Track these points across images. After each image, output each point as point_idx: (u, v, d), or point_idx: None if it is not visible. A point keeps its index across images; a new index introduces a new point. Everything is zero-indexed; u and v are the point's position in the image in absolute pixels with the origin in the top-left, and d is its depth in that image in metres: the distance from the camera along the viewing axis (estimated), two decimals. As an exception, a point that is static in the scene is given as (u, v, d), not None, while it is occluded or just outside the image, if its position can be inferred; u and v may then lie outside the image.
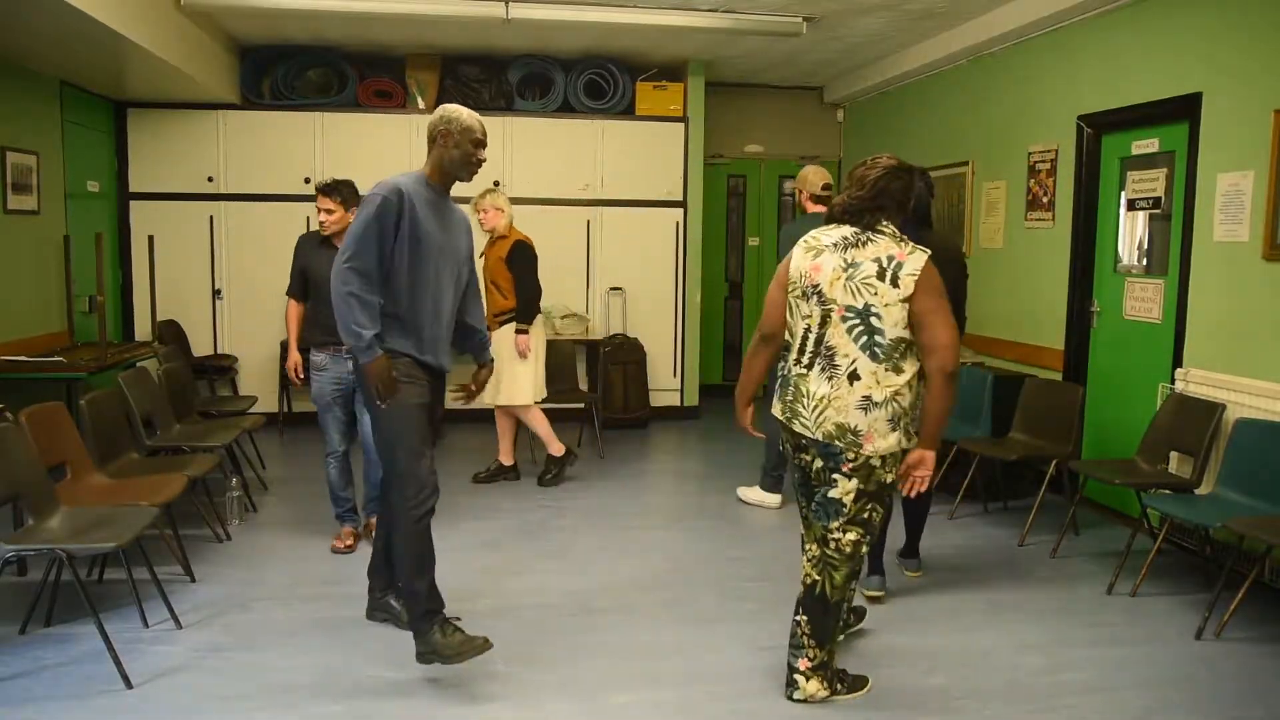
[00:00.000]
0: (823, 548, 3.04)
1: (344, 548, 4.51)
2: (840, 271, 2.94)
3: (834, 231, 3.04)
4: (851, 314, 2.91)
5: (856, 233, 2.99)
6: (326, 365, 4.46)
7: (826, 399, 2.93)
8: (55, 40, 5.02)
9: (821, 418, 2.94)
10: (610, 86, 7.50)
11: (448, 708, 3.07)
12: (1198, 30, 4.60)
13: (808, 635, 3.09)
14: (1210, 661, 3.47)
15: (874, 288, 2.89)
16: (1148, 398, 4.87)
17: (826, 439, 2.94)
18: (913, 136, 7.49)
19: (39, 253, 5.98)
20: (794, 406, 3.02)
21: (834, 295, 2.93)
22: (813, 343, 2.98)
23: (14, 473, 3.38)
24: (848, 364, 2.92)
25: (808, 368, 2.99)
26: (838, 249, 2.98)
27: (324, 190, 4.47)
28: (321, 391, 4.50)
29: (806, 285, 3.00)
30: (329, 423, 4.53)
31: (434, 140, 3.32)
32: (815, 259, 3.00)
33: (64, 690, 3.13)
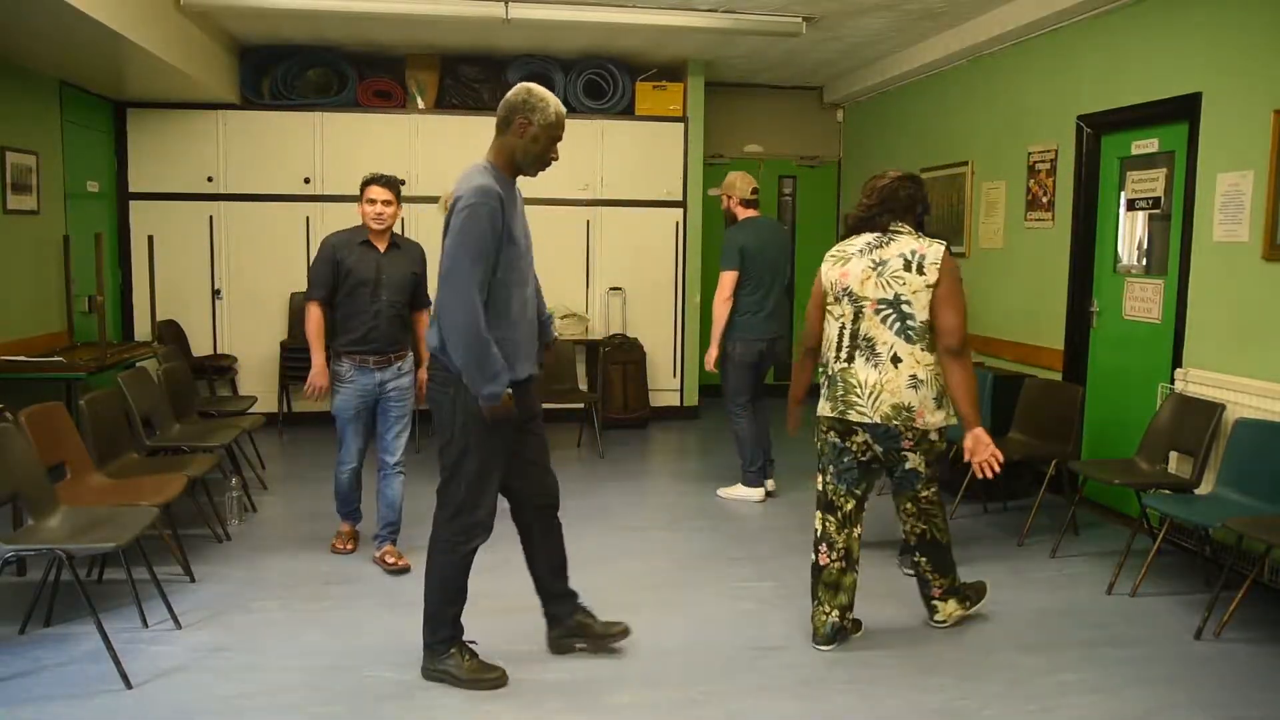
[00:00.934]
0: (917, 505, 3.52)
1: (344, 549, 4.45)
2: (869, 271, 3.29)
3: (856, 241, 3.39)
4: (883, 305, 3.26)
5: (878, 237, 3.35)
6: (353, 376, 4.21)
7: (879, 384, 3.26)
8: (55, 40, 5.02)
9: (878, 402, 3.26)
10: (610, 86, 7.50)
11: (448, 708, 3.07)
12: (1197, 30, 4.60)
13: (929, 571, 3.62)
14: (1210, 661, 3.47)
15: (902, 279, 3.25)
16: (1147, 398, 4.87)
17: (885, 420, 3.27)
18: (912, 136, 7.49)
19: (39, 253, 5.98)
20: (846, 399, 3.32)
21: (865, 292, 3.29)
22: (849, 337, 3.33)
23: (14, 473, 3.37)
24: (888, 350, 3.26)
25: (849, 361, 3.32)
26: (863, 254, 3.34)
27: (385, 182, 4.17)
28: (347, 404, 4.24)
29: (838, 290, 3.35)
30: (350, 436, 4.30)
31: (508, 124, 2.98)
32: (843, 266, 3.36)
33: (63, 690, 3.12)
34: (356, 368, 4.19)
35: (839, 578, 3.46)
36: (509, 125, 3.00)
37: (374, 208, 4.16)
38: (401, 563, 4.26)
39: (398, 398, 4.29)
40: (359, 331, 4.17)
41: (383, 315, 4.18)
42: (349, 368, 4.20)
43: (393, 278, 4.20)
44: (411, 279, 4.28)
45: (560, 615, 3.44)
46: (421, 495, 5.31)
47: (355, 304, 4.16)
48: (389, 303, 4.19)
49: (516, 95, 3.00)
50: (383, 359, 4.21)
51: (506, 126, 3.00)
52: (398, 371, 4.28)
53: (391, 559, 4.27)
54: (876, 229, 3.36)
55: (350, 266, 4.15)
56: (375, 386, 4.22)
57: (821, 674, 3.32)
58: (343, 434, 4.31)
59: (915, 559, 3.66)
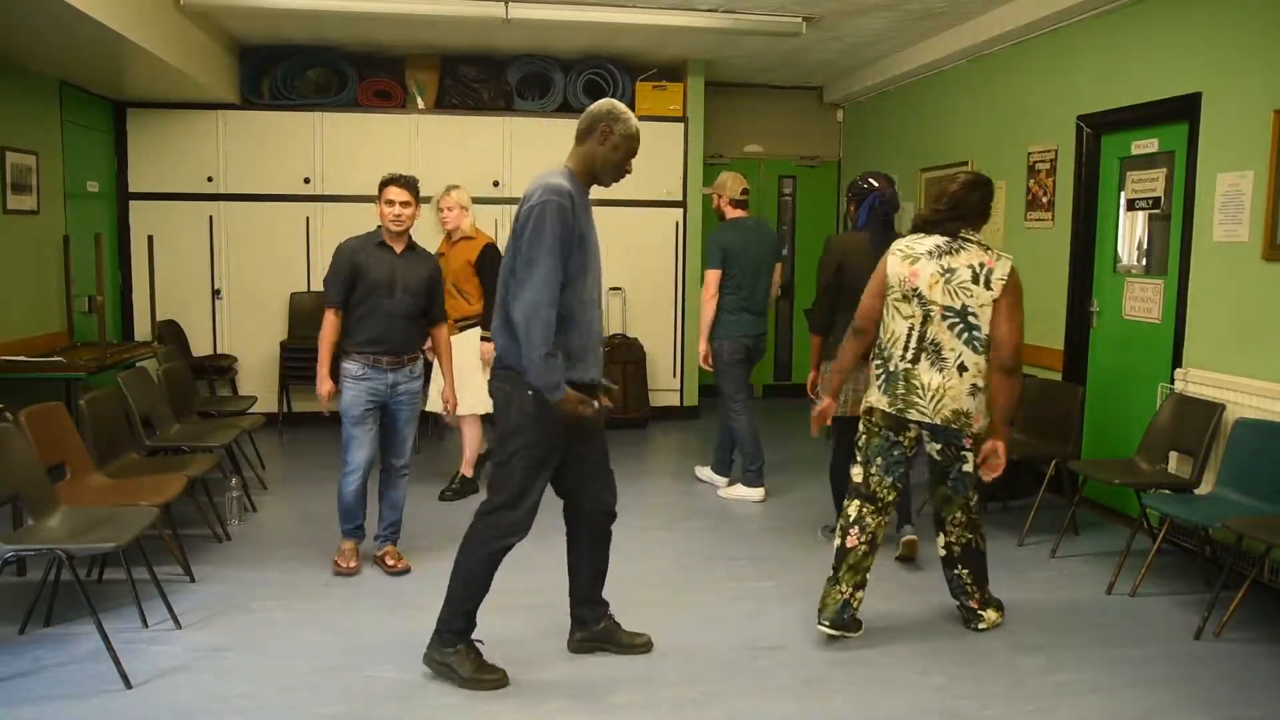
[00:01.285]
0: (967, 514, 3.62)
1: (348, 569, 4.19)
2: (938, 276, 3.37)
3: (925, 240, 3.45)
4: (951, 314, 3.35)
5: (948, 241, 3.41)
6: (365, 374, 4.10)
7: (942, 388, 3.37)
8: (55, 40, 5.01)
9: (939, 405, 3.38)
10: (610, 86, 7.49)
11: (448, 707, 3.07)
12: (1197, 30, 4.60)
13: (969, 583, 3.68)
14: (1210, 661, 3.47)
15: (970, 290, 3.34)
16: (1147, 398, 4.87)
17: (945, 423, 3.40)
18: (912, 136, 7.49)
19: (38, 253, 5.98)
20: (907, 399, 3.42)
21: (934, 297, 3.36)
22: (916, 339, 3.40)
23: (14, 473, 3.37)
24: (954, 357, 3.36)
25: (914, 362, 3.40)
26: (933, 256, 3.40)
27: (404, 183, 4.11)
28: (356, 402, 4.10)
29: (907, 289, 3.40)
30: (357, 438, 4.13)
31: (589, 133, 3.08)
32: (912, 265, 3.41)
33: (63, 690, 3.12)
34: (370, 366, 4.09)
35: (862, 560, 3.54)
36: (591, 133, 3.08)
37: (393, 209, 4.09)
38: (402, 564, 4.23)
39: (409, 400, 4.23)
40: (374, 331, 4.08)
41: (398, 316, 4.11)
42: (359, 366, 4.09)
43: (409, 280, 4.13)
44: (428, 285, 4.21)
45: (587, 619, 3.46)
46: (423, 495, 5.33)
47: (371, 304, 4.07)
48: (405, 304, 4.12)
49: (600, 107, 3.11)
50: (396, 360, 4.13)
51: (588, 134, 3.09)
52: (409, 374, 4.20)
53: (392, 560, 4.25)
54: (946, 233, 3.42)
55: (366, 268, 4.07)
56: (387, 388, 4.13)
57: (821, 674, 3.32)
58: (349, 436, 4.15)
59: (956, 571, 3.69)
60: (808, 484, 5.74)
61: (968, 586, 3.69)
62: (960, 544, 3.66)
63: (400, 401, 4.20)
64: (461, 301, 5.23)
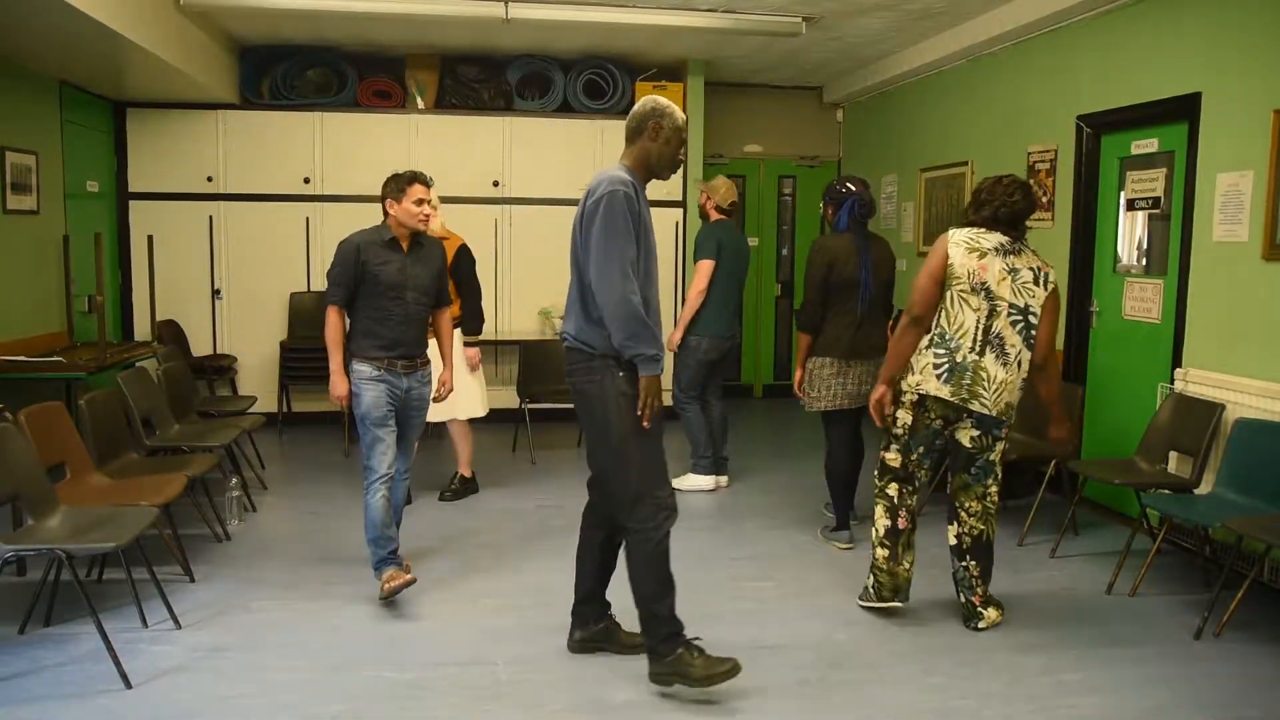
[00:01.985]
0: (982, 503, 3.71)
1: (404, 581, 3.81)
2: (1005, 274, 3.53)
3: (989, 237, 3.58)
4: (1015, 311, 3.53)
5: (1010, 241, 3.58)
6: (383, 376, 3.92)
7: (1004, 382, 3.54)
8: (55, 40, 5.01)
9: (999, 397, 3.54)
10: (610, 86, 7.50)
11: (448, 707, 3.07)
12: (1197, 30, 4.60)
13: (976, 576, 3.73)
14: (1209, 661, 3.47)
15: (1032, 291, 3.55)
16: (1147, 398, 4.87)
17: (999, 414, 3.56)
18: (912, 137, 7.49)
19: (38, 253, 5.98)
20: (973, 389, 3.54)
21: (1001, 293, 3.52)
22: (983, 332, 3.54)
23: (14, 473, 3.37)
24: (1015, 352, 3.54)
25: (980, 354, 3.54)
26: (998, 254, 3.55)
27: (428, 182, 4.01)
28: (377, 404, 3.89)
29: (975, 282, 3.53)
30: (380, 443, 3.89)
31: (640, 132, 3.15)
32: (980, 259, 3.54)
33: (63, 690, 3.12)
34: (385, 370, 3.92)
35: (912, 535, 3.76)
36: (641, 132, 3.16)
37: (421, 208, 3.94)
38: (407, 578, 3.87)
39: (419, 405, 4.10)
40: (386, 337, 3.93)
41: (411, 319, 3.98)
42: (374, 368, 3.91)
43: (419, 279, 4.01)
44: (438, 280, 4.12)
45: (589, 617, 3.44)
46: (423, 496, 5.33)
47: (380, 308, 3.92)
48: (416, 305, 4.00)
49: (644, 106, 3.17)
50: (410, 364, 3.99)
51: (639, 134, 3.16)
52: (421, 379, 4.07)
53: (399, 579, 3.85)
54: (1006, 234, 3.58)
55: (376, 269, 3.90)
56: (401, 392, 3.97)
57: (821, 674, 3.32)
58: (372, 441, 3.88)
59: (964, 563, 3.73)
60: (806, 484, 5.74)
61: (974, 580, 3.73)
62: (972, 535, 3.71)
63: (413, 407, 4.07)
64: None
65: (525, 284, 7.50)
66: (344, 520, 4.90)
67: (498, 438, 6.86)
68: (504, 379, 7.43)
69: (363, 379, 3.91)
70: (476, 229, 7.30)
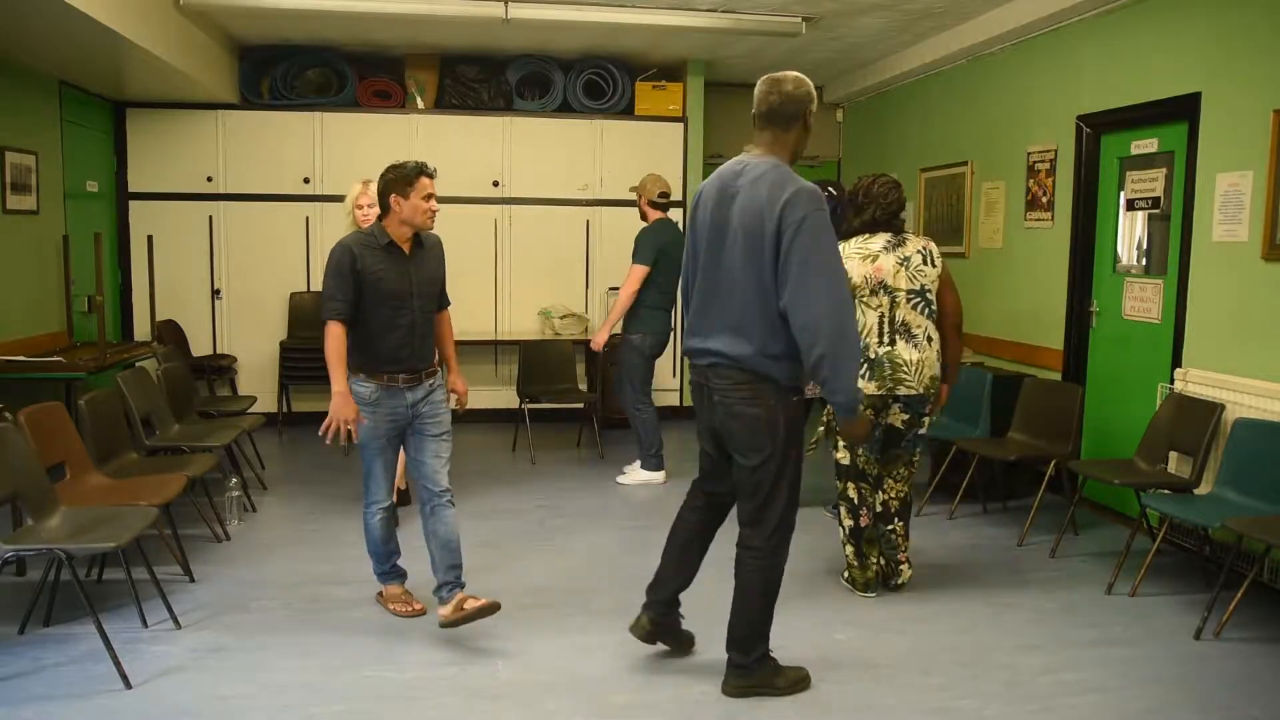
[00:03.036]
0: (909, 469, 4.03)
1: (413, 610, 3.72)
2: (898, 266, 3.87)
3: (874, 240, 3.93)
4: (913, 295, 3.87)
5: (895, 237, 3.93)
6: (379, 398, 3.53)
7: (920, 361, 3.85)
8: (55, 40, 5.01)
9: (920, 376, 3.85)
10: (609, 86, 7.50)
11: (447, 707, 3.07)
12: (1197, 30, 4.60)
13: (902, 536, 4.03)
14: (1209, 661, 3.47)
15: (924, 272, 3.89)
16: (1147, 398, 4.87)
17: (925, 391, 3.87)
18: (912, 136, 7.49)
19: (38, 253, 5.98)
20: (895, 377, 3.84)
21: (897, 284, 3.86)
22: (889, 324, 3.86)
23: (13, 473, 3.37)
24: (923, 332, 3.87)
25: (890, 344, 3.85)
26: (888, 251, 3.89)
27: (432, 173, 3.56)
28: (375, 432, 3.55)
29: (873, 284, 3.86)
30: (380, 470, 3.62)
31: (796, 118, 2.93)
32: (874, 263, 3.88)
33: (63, 690, 3.12)
34: (384, 389, 3.53)
35: (872, 532, 4.01)
36: (797, 119, 2.94)
37: (430, 203, 3.50)
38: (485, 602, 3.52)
39: (432, 414, 3.64)
40: (389, 350, 3.52)
41: (416, 329, 3.57)
42: (374, 390, 3.52)
43: (423, 284, 3.61)
44: (441, 280, 3.75)
45: (666, 610, 3.36)
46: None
47: (382, 319, 3.50)
48: (421, 313, 3.60)
49: (800, 88, 2.94)
50: (413, 377, 3.57)
51: (795, 120, 2.94)
52: (429, 388, 3.64)
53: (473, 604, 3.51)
54: (889, 230, 3.94)
55: (377, 276, 3.48)
56: (406, 409, 3.57)
57: (821, 674, 3.32)
58: (370, 468, 3.64)
59: (890, 526, 4.02)
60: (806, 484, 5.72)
61: (899, 540, 4.03)
62: (899, 499, 4.04)
63: (424, 420, 3.62)
64: None
65: (525, 284, 7.50)
66: (344, 520, 4.89)
67: (497, 438, 6.86)
68: (504, 379, 7.43)
69: (363, 404, 3.52)
70: (476, 229, 7.32)
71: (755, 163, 2.97)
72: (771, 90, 2.95)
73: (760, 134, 2.99)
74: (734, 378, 2.95)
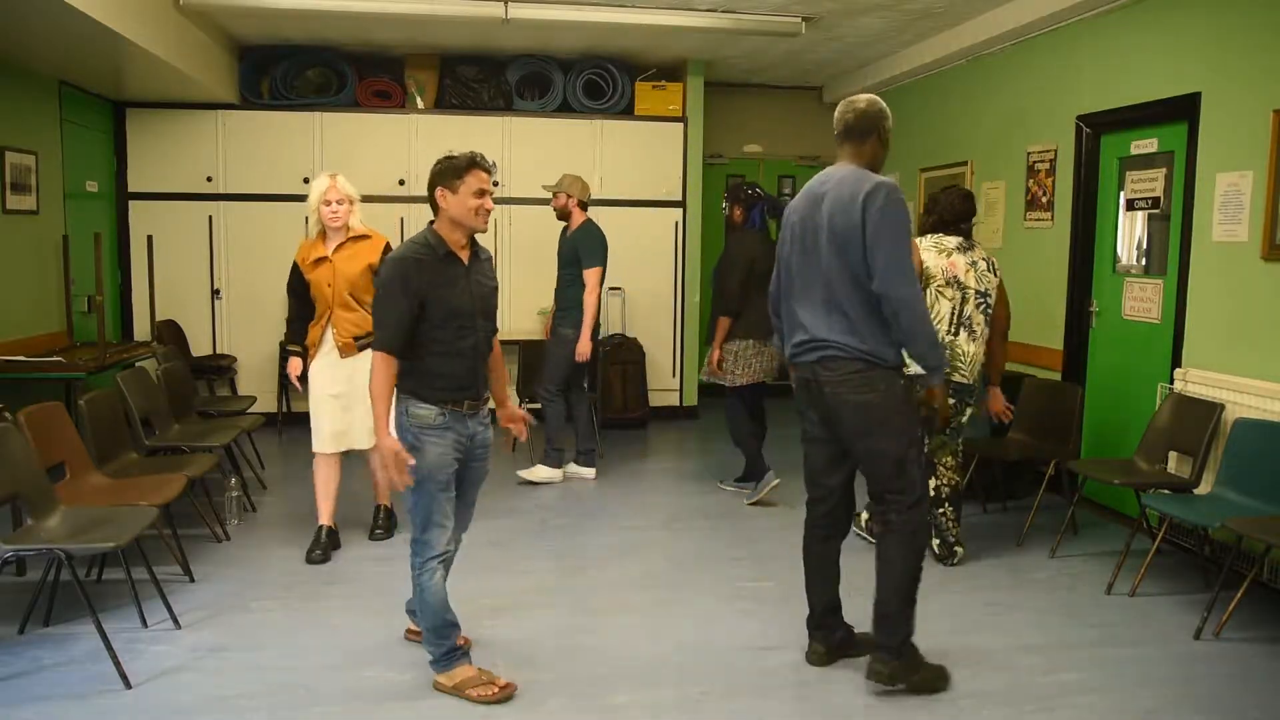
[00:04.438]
0: (956, 458, 4.39)
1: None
2: (969, 267, 4.29)
3: (948, 239, 4.35)
4: (979, 296, 4.27)
5: (964, 240, 4.36)
6: (448, 423, 3.06)
7: (974, 355, 4.26)
8: (55, 40, 5.01)
9: (973, 368, 4.26)
10: (609, 86, 7.50)
11: (447, 708, 3.07)
12: (1197, 30, 4.60)
13: (953, 520, 4.39)
14: (1209, 661, 3.47)
15: (988, 278, 4.31)
16: (1147, 398, 4.87)
17: (974, 382, 4.29)
18: (912, 136, 7.49)
19: (38, 253, 5.98)
20: (953, 363, 4.20)
21: (968, 283, 4.26)
22: (957, 317, 4.24)
23: (13, 473, 3.37)
24: (981, 330, 4.29)
25: (955, 334, 4.24)
26: (960, 251, 4.31)
27: (490, 168, 3.12)
28: (443, 461, 3.05)
29: (949, 275, 4.26)
30: (444, 508, 3.09)
31: (871, 134, 3.14)
32: (949, 258, 4.29)
33: (63, 690, 3.12)
34: (451, 413, 3.07)
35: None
36: (872, 134, 3.16)
37: (484, 201, 3.06)
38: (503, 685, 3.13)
39: (484, 453, 3.26)
40: (457, 374, 3.08)
41: (481, 352, 3.15)
42: (438, 412, 3.04)
43: (484, 300, 3.16)
44: (495, 293, 3.26)
45: (834, 627, 3.41)
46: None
47: (445, 342, 3.04)
48: (485, 334, 3.17)
49: (874, 106, 3.17)
50: (475, 404, 3.15)
51: (869, 135, 3.16)
52: (484, 419, 3.22)
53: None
54: (961, 234, 4.36)
55: (439, 294, 3.01)
56: (466, 439, 3.13)
57: (821, 674, 3.32)
58: (430, 512, 3.07)
59: (943, 510, 4.36)
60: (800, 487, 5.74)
61: (950, 524, 4.37)
62: (950, 485, 4.36)
63: (477, 454, 3.22)
64: (363, 313, 4.27)
65: (525, 284, 7.50)
66: (343, 520, 4.89)
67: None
68: (504, 379, 7.42)
69: (426, 429, 3.03)
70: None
71: (837, 172, 3.19)
72: (848, 110, 3.19)
73: (841, 149, 3.21)
74: (843, 368, 3.08)
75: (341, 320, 4.34)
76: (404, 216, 7.30)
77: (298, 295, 4.48)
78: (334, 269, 4.32)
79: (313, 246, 4.40)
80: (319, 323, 4.41)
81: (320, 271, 4.34)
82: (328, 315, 4.36)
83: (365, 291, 4.23)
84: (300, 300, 4.47)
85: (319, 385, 4.40)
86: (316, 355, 4.42)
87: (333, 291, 4.31)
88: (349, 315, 4.34)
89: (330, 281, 4.31)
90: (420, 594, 3.11)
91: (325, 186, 4.31)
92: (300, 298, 4.47)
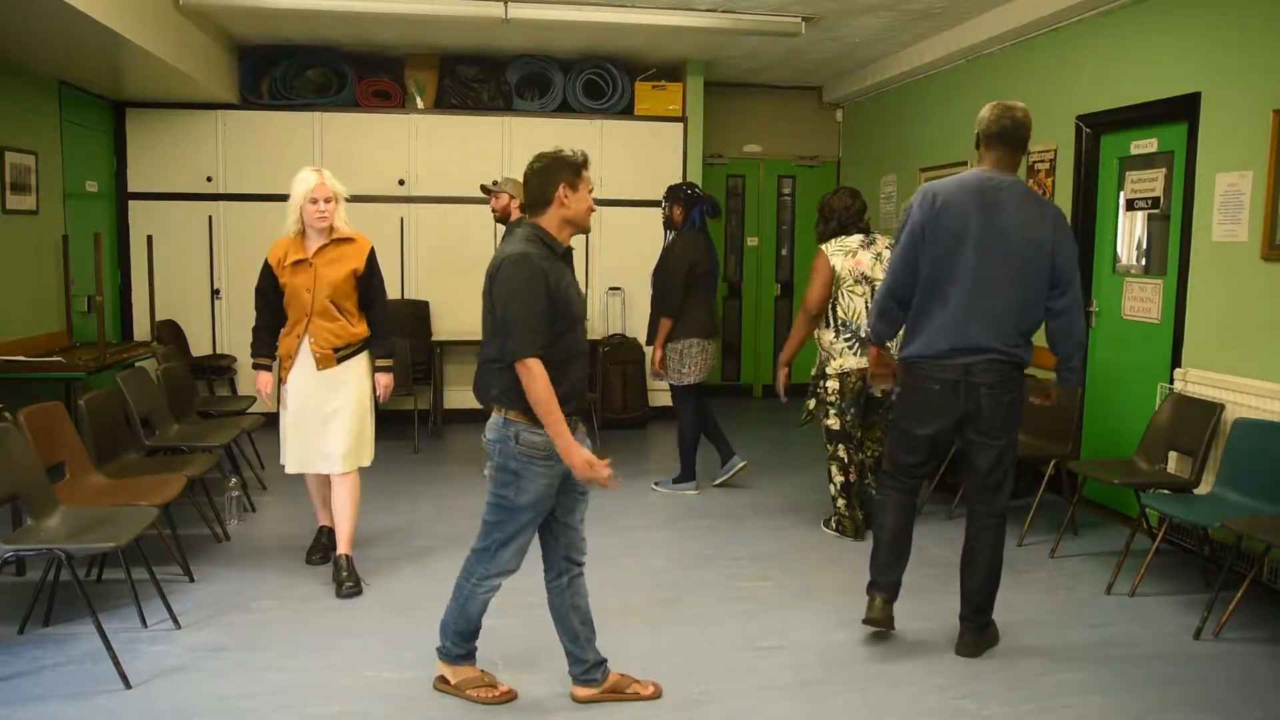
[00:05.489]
0: (882, 432, 4.62)
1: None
2: (874, 260, 4.60)
3: (849, 239, 4.66)
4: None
5: (866, 236, 4.70)
6: (553, 450, 2.80)
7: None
8: (55, 40, 5.01)
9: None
10: (609, 86, 7.50)
11: (446, 708, 3.07)
12: (1197, 30, 4.60)
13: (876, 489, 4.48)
14: (1209, 661, 3.47)
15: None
16: (1147, 398, 4.87)
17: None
18: (911, 136, 7.49)
19: (37, 253, 5.98)
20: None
21: (875, 275, 4.54)
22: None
23: (13, 473, 3.37)
24: None
25: None
26: (863, 248, 4.64)
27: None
28: (548, 494, 2.88)
29: (856, 275, 4.59)
30: (527, 536, 2.97)
31: (1023, 143, 3.32)
32: (854, 257, 4.62)
33: (63, 690, 3.12)
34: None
35: (857, 485, 4.75)
36: (1023, 144, 3.32)
37: (590, 199, 2.89)
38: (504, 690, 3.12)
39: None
40: (574, 383, 2.86)
41: (586, 355, 2.96)
42: (548, 441, 2.79)
43: (583, 300, 3.03)
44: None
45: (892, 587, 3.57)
46: (425, 495, 5.31)
47: (569, 345, 2.83)
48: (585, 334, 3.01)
49: (1028, 116, 3.31)
50: (579, 418, 2.94)
51: (1021, 146, 3.32)
52: (585, 435, 2.97)
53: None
54: (859, 231, 4.69)
55: (564, 294, 2.80)
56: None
57: (821, 674, 3.32)
58: (519, 535, 2.94)
59: (867, 483, 4.74)
60: (806, 483, 5.75)
61: (874, 493, 4.60)
62: (874, 456, 4.72)
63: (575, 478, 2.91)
64: (344, 323, 3.99)
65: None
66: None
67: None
68: (503, 379, 7.42)
69: (534, 456, 2.81)
70: (476, 229, 7.30)
71: (1003, 179, 3.30)
72: (1004, 115, 3.28)
73: (986, 153, 3.32)
74: (1002, 371, 3.31)
75: (320, 330, 3.93)
76: (404, 217, 7.31)
77: (267, 300, 4.05)
78: (315, 273, 3.92)
79: (290, 246, 3.99)
80: (292, 332, 3.99)
81: (299, 276, 3.93)
82: (304, 323, 3.94)
83: (347, 299, 3.96)
84: (269, 306, 4.06)
85: (296, 402, 4.03)
86: (291, 368, 4.01)
87: (312, 298, 3.91)
88: (329, 324, 3.95)
89: (310, 287, 3.91)
90: (465, 600, 3.04)
91: (313, 183, 3.91)
92: (270, 303, 4.05)
